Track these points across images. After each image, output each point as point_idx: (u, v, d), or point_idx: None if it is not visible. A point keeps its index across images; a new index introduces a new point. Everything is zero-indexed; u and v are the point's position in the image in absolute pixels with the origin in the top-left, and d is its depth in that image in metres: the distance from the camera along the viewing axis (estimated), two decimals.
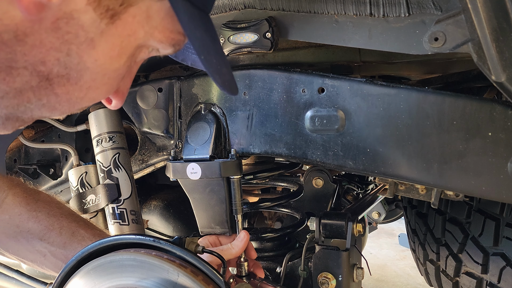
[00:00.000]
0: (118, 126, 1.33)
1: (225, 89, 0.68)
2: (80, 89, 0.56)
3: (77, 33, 0.51)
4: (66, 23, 0.50)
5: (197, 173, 1.05)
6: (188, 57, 0.73)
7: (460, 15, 0.72)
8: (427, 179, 0.90)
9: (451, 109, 0.86)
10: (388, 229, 4.66)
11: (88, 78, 0.55)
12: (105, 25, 0.53)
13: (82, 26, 0.51)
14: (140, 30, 0.57)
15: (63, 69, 0.52)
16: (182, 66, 1.32)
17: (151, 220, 1.88)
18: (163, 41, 0.61)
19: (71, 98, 0.56)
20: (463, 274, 1.74)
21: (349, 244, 1.08)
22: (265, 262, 1.38)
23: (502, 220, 1.58)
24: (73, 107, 0.59)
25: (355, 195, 2.07)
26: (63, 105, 0.57)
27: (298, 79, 1.01)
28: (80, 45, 0.52)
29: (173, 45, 0.63)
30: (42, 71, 0.51)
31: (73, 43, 0.52)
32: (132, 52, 0.59)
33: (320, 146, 0.99)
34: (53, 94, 0.54)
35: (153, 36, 0.59)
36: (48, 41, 0.50)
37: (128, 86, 0.68)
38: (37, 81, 0.52)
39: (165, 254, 0.78)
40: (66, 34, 0.51)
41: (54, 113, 0.58)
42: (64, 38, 0.51)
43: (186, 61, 0.75)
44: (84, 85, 0.56)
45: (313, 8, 0.88)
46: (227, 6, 0.98)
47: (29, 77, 0.51)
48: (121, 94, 0.67)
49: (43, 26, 0.49)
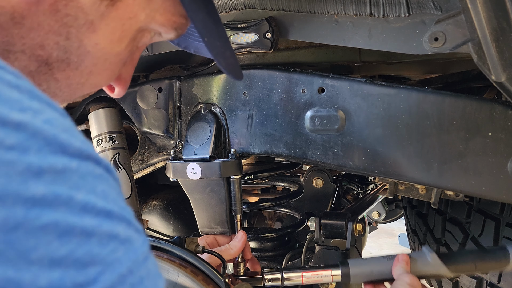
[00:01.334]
0: (118, 126, 1.33)
1: (230, 72, 0.67)
2: (81, 74, 0.54)
3: (77, 15, 0.50)
4: (65, 5, 0.49)
5: (197, 173, 1.05)
6: (191, 44, 0.72)
7: (460, 15, 0.72)
8: (427, 179, 0.90)
9: (451, 109, 0.86)
10: (388, 229, 4.66)
11: (89, 62, 0.54)
12: (105, 7, 0.52)
13: (82, 8, 0.50)
14: (141, 12, 0.56)
15: (62, 53, 0.51)
16: (182, 66, 1.32)
17: (151, 220, 1.88)
18: (165, 24, 0.60)
19: (72, 84, 0.55)
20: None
21: (349, 244, 1.08)
22: (265, 262, 1.38)
23: (502, 220, 1.58)
24: (74, 94, 0.57)
25: (355, 195, 2.07)
26: (64, 91, 0.55)
27: (298, 79, 1.01)
28: (80, 28, 0.51)
29: (175, 28, 0.61)
30: (40, 55, 0.50)
31: (72, 26, 0.50)
32: (133, 35, 0.58)
33: (320, 146, 0.99)
34: (53, 80, 0.53)
35: (155, 19, 0.58)
36: (47, 24, 0.48)
37: (130, 73, 0.66)
38: (36, 66, 0.50)
39: (165, 254, 0.78)
40: (65, 17, 0.49)
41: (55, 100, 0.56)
42: (63, 21, 0.49)
43: (188, 48, 0.74)
44: (85, 70, 0.54)
45: (313, 8, 0.88)
46: (227, 6, 0.99)
47: (28, 62, 0.49)
48: (123, 82, 0.66)
49: (41, 8, 0.48)
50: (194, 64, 1.27)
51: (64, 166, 0.31)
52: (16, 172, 0.28)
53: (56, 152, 0.31)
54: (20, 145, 0.29)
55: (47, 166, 0.30)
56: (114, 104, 1.31)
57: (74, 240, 0.30)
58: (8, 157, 0.28)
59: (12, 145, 0.29)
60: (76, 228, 0.30)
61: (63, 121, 0.35)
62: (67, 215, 0.30)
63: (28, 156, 0.29)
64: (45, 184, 0.29)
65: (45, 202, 0.29)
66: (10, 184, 0.28)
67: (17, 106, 0.31)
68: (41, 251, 0.28)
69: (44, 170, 0.30)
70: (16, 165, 0.28)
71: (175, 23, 0.61)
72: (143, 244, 0.36)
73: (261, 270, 1.00)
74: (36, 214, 0.28)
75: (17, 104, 0.31)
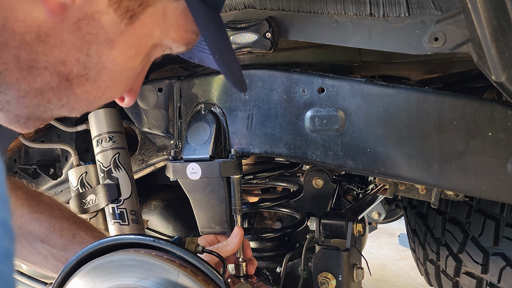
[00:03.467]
0: (118, 126, 1.33)
1: (237, 86, 0.69)
2: (98, 88, 0.57)
3: (98, 33, 0.52)
4: (87, 23, 0.51)
5: (197, 173, 1.05)
6: (195, 54, 0.74)
7: (460, 15, 0.72)
8: (427, 179, 0.90)
9: (451, 109, 0.86)
10: (388, 229, 4.66)
11: (106, 77, 0.56)
12: (125, 26, 0.54)
13: (103, 27, 0.52)
14: (156, 29, 0.58)
15: (82, 69, 0.53)
16: (182, 66, 1.32)
17: (151, 220, 1.88)
18: (178, 40, 0.62)
19: (90, 98, 0.57)
20: (463, 274, 1.74)
21: (349, 244, 1.08)
22: (265, 262, 1.38)
23: (502, 220, 1.58)
24: (91, 106, 0.60)
25: (355, 195, 2.07)
26: (82, 105, 0.58)
27: (298, 79, 1.01)
28: (100, 45, 0.53)
29: (186, 44, 0.64)
30: (62, 71, 0.52)
31: (93, 43, 0.52)
32: (148, 51, 0.60)
33: (320, 146, 0.99)
34: (72, 94, 0.55)
35: (168, 35, 0.60)
36: (69, 41, 0.50)
37: (140, 84, 0.69)
38: (57, 82, 0.52)
39: (165, 254, 0.78)
40: (87, 35, 0.51)
41: (73, 112, 0.60)
42: (85, 39, 0.51)
43: (193, 59, 0.75)
44: (102, 85, 0.57)
45: (313, 8, 0.88)
46: (227, 6, 0.99)
47: (50, 78, 0.52)
48: (133, 92, 0.69)
49: (65, 27, 0.49)
50: (194, 64, 1.27)
51: None
52: None
53: None
54: None
55: None
56: (114, 104, 1.31)
57: None
58: None
59: None
60: None
61: None
62: None
63: None
64: None
65: None
66: None
67: None
68: None
69: None
70: None
71: (187, 39, 0.63)
72: None
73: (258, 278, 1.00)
74: None
75: None
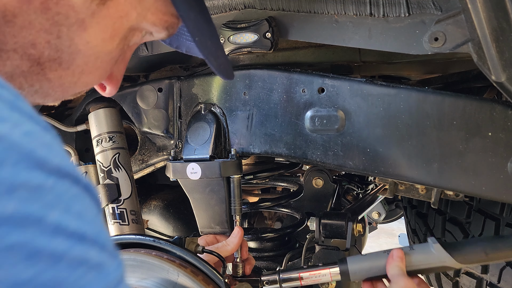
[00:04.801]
0: (118, 126, 1.33)
1: (220, 72, 0.67)
2: (72, 73, 0.54)
3: (67, 14, 0.50)
4: (56, 3, 0.49)
5: (197, 173, 1.05)
6: (183, 43, 0.73)
7: (460, 15, 0.72)
8: (427, 179, 0.90)
9: (451, 109, 0.86)
10: (388, 229, 4.66)
11: (81, 61, 0.54)
12: (96, 6, 0.52)
13: (73, 6, 0.50)
14: (132, 11, 0.56)
15: (54, 52, 0.51)
16: (182, 66, 1.32)
17: (151, 220, 1.88)
18: (156, 23, 0.60)
19: (64, 84, 0.55)
20: (463, 274, 1.74)
21: (349, 244, 1.08)
22: (265, 262, 1.38)
23: (502, 220, 1.58)
24: (66, 93, 0.57)
25: (355, 195, 2.07)
26: (56, 91, 0.55)
27: (298, 79, 1.01)
28: (71, 26, 0.51)
29: (166, 27, 0.62)
30: (32, 54, 0.50)
31: (63, 24, 0.50)
32: (124, 34, 0.58)
33: (320, 146, 0.99)
34: (45, 80, 0.53)
35: (146, 19, 0.58)
36: (38, 23, 0.49)
37: (122, 72, 0.66)
38: (28, 66, 0.50)
39: (165, 254, 0.78)
40: (56, 15, 0.49)
41: (48, 99, 0.57)
42: (54, 20, 0.49)
43: (180, 48, 0.74)
44: (77, 69, 0.54)
45: (313, 8, 0.88)
46: (227, 6, 0.98)
47: (20, 61, 0.49)
48: (115, 81, 0.66)
49: (32, 7, 0.48)
50: (194, 64, 1.27)
51: (40, 183, 0.30)
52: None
53: (32, 167, 0.30)
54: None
55: (20, 182, 0.28)
56: (114, 104, 1.31)
57: (40, 263, 0.28)
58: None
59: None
60: (45, 250, 0.28)
61: (44, 135, 0.33)
62: (36, 236, 0.28)
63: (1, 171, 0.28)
64: (17, 201, 0.28)
65: (14, 220, 0.27)
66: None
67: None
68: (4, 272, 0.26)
69: (17, 186, 0.28)
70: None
71: (166, 23, 0.61)
72: (116, 269, 0.34)
73: (259, 273, 1.00)
74: (3, 233, 0.27)
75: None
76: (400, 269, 0.82)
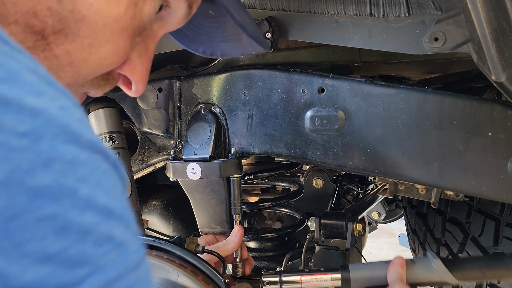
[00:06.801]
0: (118, 126, 1.33)
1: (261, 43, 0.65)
2: (81, 47, 0.49)
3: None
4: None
5: (197, 173, 1.05)
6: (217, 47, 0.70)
7: (460, 15, 0.72)
8: (427, 179, 0.90)
9: (451, 109, 0.86)
10: (388, 229, 4.66)
11: (87, 31, 0.49)
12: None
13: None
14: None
15: (57, 22, 0.47)
16: (182, 66, 1.32)
17: (151, 220, 1.88)
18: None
19: (74, 61, 0.50)
20: None
21: (349, 244, 1.08)
22: (265, 262, 1.38)
23: (502, 220, 1.58)
24: (78, 74, 0.52)
25: (355, 195, 2.07)
26: (67, 72, 0.50)
27: (298, 79, 1.01)
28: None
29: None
30: (35, 25, 0.46)
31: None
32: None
33: (320, 146, 0.99)
34: (53, 57, 0.48)
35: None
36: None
37: (146, 65, 0.60)
38: (32, 41, 0.46)
39: (165, 254, 0.78)
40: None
41: None
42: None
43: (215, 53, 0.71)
44: (85, 41, 0.49)
45: (313, 8, 0.88)
46: None
47: (23, 35, 0.45)
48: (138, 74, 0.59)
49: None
50: (194, 64, 1.27)
51: (74, 157, 0.30)
52: (26, 160, 0.27)
53: (69, 141, 0.30)
54: (33, 132, 0.28)
55: (57, 155, 0.29)
56: (114, 104, 1.31)
57: (69, 237, 0.28)
58: (20, 144, 0.27)
59: (25, 132, 0.28)
60: (75, 224, 0.29)
61: (77, 110, 0.33)
62: (68, 209, 0.28)
63: (40, 144, 0.28)
64: (53, 174, 0.28)
65: (48, 193, 0.28)
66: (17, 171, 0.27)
67: (35, 90, 0.30)
68: (35, 244, 0.27)
69: (53, 159, 0.28)
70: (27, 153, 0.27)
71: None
72: (137, 250, 0.34)
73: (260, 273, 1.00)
74: (37, 205, 0.27)
75: (34, 88, 0.30)
76: (399, 275, 0.83)
